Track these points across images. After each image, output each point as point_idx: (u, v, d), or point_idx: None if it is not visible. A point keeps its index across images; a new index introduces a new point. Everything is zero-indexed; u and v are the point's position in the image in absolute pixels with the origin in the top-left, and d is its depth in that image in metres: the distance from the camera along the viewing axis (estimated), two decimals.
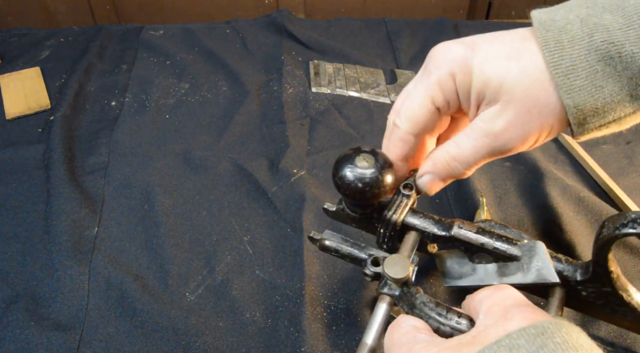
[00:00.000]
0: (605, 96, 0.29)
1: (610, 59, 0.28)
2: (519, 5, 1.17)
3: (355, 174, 0.34)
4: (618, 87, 0.29)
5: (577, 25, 0.29)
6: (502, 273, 0.34)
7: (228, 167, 0.59)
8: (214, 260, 0.49)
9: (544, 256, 0.33)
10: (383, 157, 0.35)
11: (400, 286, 0.32)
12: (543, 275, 0.32)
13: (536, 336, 0.22)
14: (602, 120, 0.30)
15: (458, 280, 0.37)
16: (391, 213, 0.36)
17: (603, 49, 0.28)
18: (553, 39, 0.30)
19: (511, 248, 0.34)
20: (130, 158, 0.60)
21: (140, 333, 0.43)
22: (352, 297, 0.46)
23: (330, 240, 0.38)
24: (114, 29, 0.84)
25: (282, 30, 0.83)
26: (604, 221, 0.29)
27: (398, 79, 0.75)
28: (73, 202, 0.53)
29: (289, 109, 0.67)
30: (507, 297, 0.27)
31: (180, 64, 0.76)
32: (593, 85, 0.29)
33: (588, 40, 0.29)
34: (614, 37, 0.28)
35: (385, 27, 0.87)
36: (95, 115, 0.67)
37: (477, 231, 0.35)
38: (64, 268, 0.47)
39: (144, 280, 0.47)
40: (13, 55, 0.78)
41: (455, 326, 0.29)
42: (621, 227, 0.28)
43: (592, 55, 0.29)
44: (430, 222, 0.36)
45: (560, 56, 0.29)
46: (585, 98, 0.29)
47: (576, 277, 0.33)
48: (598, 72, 0.29)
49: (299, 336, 0.43)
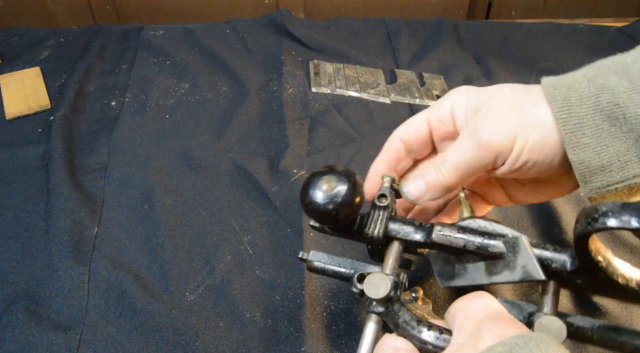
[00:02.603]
0: (611, 155, 0.30)
1: (616, 119, 0.29)
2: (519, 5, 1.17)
3: (321, 199, 0.33)
4: (624, 147, 0.29)
5: (585, 84, 0.30)
6: (490, 271, 0.34)
7: (228, 167, 0.59)
8: (214, 260, 0.49)
9: (527, 252, 0.32)
10: (348, 175, 0.35)
11: (384, 303, 0.32)
12: (528, 272, 0.31)
13: None
14: (609, 178, 0.30)
15: (452, 280, 0.36)
16: (371, 230, 0.35)
17: (608, 109, 0.29)
18: (561, 96, 0.30)
19: (494, 246, 0.33)
20: (130, 158, 0.60)
21: (140, 333, 0.43)
22: (352, 297, 0.46)
23: (316, 261, 0.38)
24: (114, 29, 0.84)
25: (282, 30, 0.83)
26: (578, 214, 0.28)
27: (398, 79, 0.75)
28: (73, 202, 0.53)
29: (289, 109, 0.67)
30: (480, 309, 0.27)
31: (180, 64, 0.76)
32: (599, 143, 0.30)
33: (595, 100, 0.30)
34: (619, 99, 0.29)
35: (385, 27, 0.87)
36: (95, 115, 0.67)
37: (457, 233, 0.34)
38: (64, 268, 0.47)
39: (144, 280, 0.47)
40: (13, 55, 0.78)
41: (436, 344, 0.29)
42: (593, 222, 0.26)
43: (598, 115, 0.29)
44: (411, 230, 0.35)
45: (569, 113, 0.30)
46: (590, 155, 0.30)
47: (566, 268, 0.32)
48: (604, 131, 0.29)
49: (299, 336, 0.43)
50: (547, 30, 0.86)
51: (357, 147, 0.62)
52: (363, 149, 0.62)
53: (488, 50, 0.82)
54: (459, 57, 0.79)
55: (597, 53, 0.81)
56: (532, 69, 0.77)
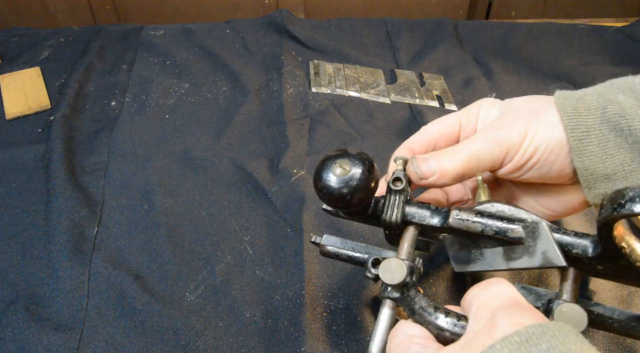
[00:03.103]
0: (616, 164, 0.31)
1: (621, 131, 0.31)
2: (519, 5, 1.17)
3: (335, 183, 0.32)
4: (629, 158, 0.31)
5: (594, 97, 0.32)
6: (508, 257, 0.33)
7: (228, 167, 0.59)
8: (214, 260, 0.49)
9: (547, 237, 0.31)
10: (362, 158, 0.34)
11: (399, 289, 0.31)
12: (548, 259, 0.30)
13: (520, 344, 0.22)
14: (613, 186, 0.31)
15: (467, 265, 0.36)
16: (388, 215, 0.34)
17: (615, 121, 0.31)
18: (571, 105, 0.32)
19: (513, 231, 0.32)
20: (130, 158, 0.60)
21: (140, 333, 0.43)
22: (352, 297, 0.46)
23: (329, 245, 0.38)
24: (114, 29, 0.84)
25: (282, 30, 0.83)
26: (602, 200, 0.28)
27: (398, 79, 0.75)
28: (73, 202, 0.53)
29: (289, 109, 0.67)
30: (495, 297, 0.27)
31: (180, 64, 0.76)
32: (604, 152, 0.31)
33: (602, 111, 0.31)
34: (625, 112, 0.31)
35: (385, 27, 0.87)
36: (95, 115, 0.67)
37: (475, 217, 0.33)
38: (64, 268, 0.47)
39: (144, 280, 0.47)
40: (13, 55, 0.78)
41: (454, 331, 0.28)
42: (619, 208, 0.26)
43: (605, 125, 0.31)
44: (427, 214, 0.34)
45: (577, 121, 0.32)
46: (595, 163, 0.31)
47: (588, 253, 0.30)
48: (610, 141, 0.31)
49: (299, 336, 0.43)
50: (547, 30, 0.86)
51: (357, 147, 0.62)
52: (363, 149, 0.62)
53: (488, 50, 0.82)
54: (459, 57, 0.79)
55: (597, 53, 0.81)
56: (532, 69, 0.77)
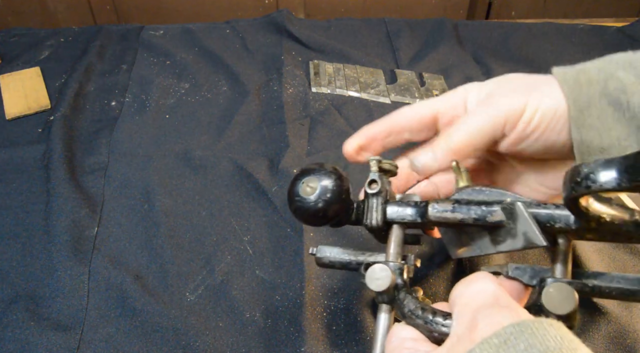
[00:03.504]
0: (613, 139, 0.31)
1: (620, 105, 0.30)
2: (519, 5, 1.17)
3: (306, 204, 0.33)
4: (626, 132, 0.30)
5: (594, 71, 0.32)
6: (495, 240, 0.32)
7: (228, 167, 0.59)
8: (214, 260, 0.49)
9: (524, 218, 0.30)
10: (327, 172, 0.34)
11: (390, 293, 0.32)
12: (529, 239, 0.30)
13: (498, 347, 0.22)
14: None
15: (461, 251, 0.36)
16: (369, 220, 0.34)
17: (615, 95, 0.30)
18: (572, 78, 0.32)
19: (492, 215, 0.31)
20: (130, 158, 0.60)
21: (140, 333, 0.43)
22: (352, 297, 0.46)
23: (324, 256, 0.38)
24: (114, 29, 0.84)
25: (282, 30, 0.83)
26: (563, 179, 0.27)
27: (398, 79, 0.75)
28: (73, 202, 0.53)
29: (289, 109, 0.67)
30: (476, 294, 0.27)
31: (180, 64, 0.76)
32: (603, 125, 0.31)
33: (603, 84, 0.31)
34: (626, 87, 0.30)
35: (385, 27, 0.87)
36: (95, 115, 0.67)
37: (452, 206, 0.32)
38: (64, 268, 0.47)
39: (144, 280, 0.47)
40: (13, 55, 0.78)
41: (442, 331, 0.28)
42: (576, 186, 0.25)
43: (604, 99, 0.31)
44: (407, 211, 0.34)
45: (579, 92, 0.31)
46: (593, 136, 0.31)
47: (571, 226, 0.30)
48: (609, 115, 0.31)
49: (299, 336, 0.43)
50: (547, 30, 0.86)
51: None
52: None
53: (488, 50, 0.82)
54: (459, 57, 0.79)
55: (597, 53, 0.81)
56: (532, 69, 0.77)
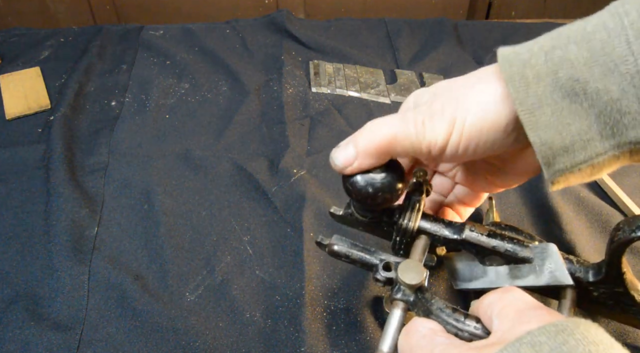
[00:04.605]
0: (573, 134, 0.28)
1: (576, 95, 0.27)
2: (519, 5, 1.17)
3: (367, 179, 0.33)
4: (586, 125, 0.28)
5: (542, 59, 0.28)
6: (514, 275, 0.34)
7: (228, 167, 0.59)
8: (214, 260, 0.49)
9: (556, 258, 0.33)
10: (396, 161, 0.35)
11: (415, 292, 0.32)
12: (556, 277, 0.32)
13: (557, 333, 0.22)
14: (573, 159, 0.28)
15: (469, 282, 0.37)
16: (406, 220, 0.36)
17: (568, 86, 0.27)
18: (518, 73, 0.29)
19: (523, 250, 0.34)
20: (130, 158, 0.60)
21: (140, 333, 0.43)
22: (352, 297, 0.46)
23: (339, 245, 0.38)
24: (114, 29, 0.84)
25: (282, 30, 0.83)
26: (619, 223, 0.30)
27: (398, 79, 0.75)
28: (73, 202, 0.53)
29: (289, 109, 0.67)
30: (517, 300, 0.27)
31: (180, 64, 0.76)
32: (560, 122, 0.28)
33: (553, 77, 0.28)
34: (578, 73, 0.27)
35: (385, 27, 0.87)
36: (95, 115, 0.67)
37: (488, 234, 0.35)
38: (64, 268, 0.47)
39: (144, 280, 0.47)
40: (13, 55, 0.78)
41: (473, 332, 0.29)
42: (637, 230, 0.28)
43: (557, 92, 0.28)
44: (441, 226, 0.36)
45: (526, 92, 0.28)
46: (552, 135, 0.28)
47: (588, 278, 0.33)
48: (564, 109, 0.28)
49: (299, 336, 0.43)
50: (547, 30, 0.86)
51: None
52: None
53: (488, 50, 0.82)
54: (459, 57, 0.79)
55: None
56: None
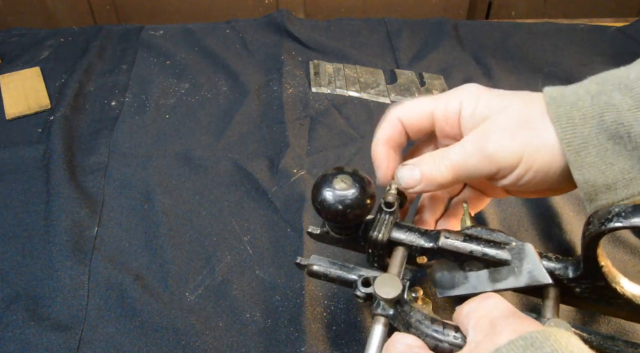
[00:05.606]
0: (616, 173, 0.30)
1: (620, 138, 0.29)
2: (519, 5, 1.17)
3: (335, 197, 0.33)
4: (629, 165, 0.29)
5: (588, 102, 0.30)
6: (494, 278, 0.34)
7: (228, 167, 0.59)
8: (214, 260, 0.49)
9: (533, 258, 0.33)
10: (361, 176, 0.35)
11: (393, 305, 0.32)
12: (535, 277, 0.32)
13: (525, 348, 0.22)
14: (615, 196, 0.30)
15: (451, 290, 0.37)
16: (376, 233, 0.35)
17: (613, 128, 0.29)
18: (565, 115, 0.31)
19: (500, 253, 0.34)
20: (130, 158, 0.60)
21: (140, 333, 0.43)
22: (352, 297, 0.46)
23: (317, 265, 0.38)
24: (114, 29, 0.84)
25: (282, 30, 0.83)
26: (588, 217, 0.29)
27: (398, 79, 0.75)
28: (73, 202, 0.53)
29: (289, 109, 0.67)
30: (493, 308, 0.27)
31: (180, 64, 0.76)
32: (603, 162, 0.30)
33: (599, 119, 0.30)
34: (623, 117, 0.29)
35: (385, 27, 0.87)
36: (95, 115, 0.67)
37: (464, 239, 0.34)
38: (64, 268, 0.47)
39: (144, 280, 0.47)
40: (13, 55, 0.78)
41: (453, 342, 0.29)
42: (607, 222, 0.28)
43: (602, 134, 0.30)
44: (416, 235, 0.36)
45: (573, 133, 0.30)
46: (595, 174, 0.30)
47: (568, 275, 0.32)
48: (608, 150, 0.30)
49: (299, 336, 0.43)
50: (547, 30, 0.86)
51: (357, 147, 0.62)
52: (363, 149, 0.62)
53: (488, 50, 0.82)
54: (459, 57, 0.79)
55: (597, 53, 0.81)
56: (532, 68, 0.77)
